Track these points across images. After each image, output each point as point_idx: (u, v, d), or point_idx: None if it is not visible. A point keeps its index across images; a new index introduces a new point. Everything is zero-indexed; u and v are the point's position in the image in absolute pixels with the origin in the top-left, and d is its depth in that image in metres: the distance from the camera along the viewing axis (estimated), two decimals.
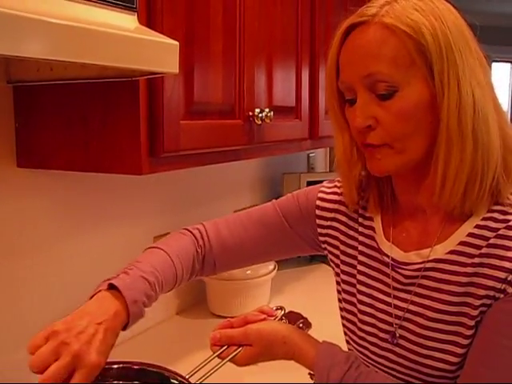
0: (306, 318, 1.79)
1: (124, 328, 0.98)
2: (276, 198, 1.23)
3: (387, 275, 1.02)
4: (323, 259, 2.47)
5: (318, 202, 1.15)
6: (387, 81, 0.89)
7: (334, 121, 1.02)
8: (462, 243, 0.94)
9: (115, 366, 0.97)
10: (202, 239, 1.19)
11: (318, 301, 1.88)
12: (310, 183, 1.24)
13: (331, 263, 1.16)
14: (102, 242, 1.61)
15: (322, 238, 1.15)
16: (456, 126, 0.89)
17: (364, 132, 0.93)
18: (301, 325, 1.74)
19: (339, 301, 1.13)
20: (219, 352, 1.01)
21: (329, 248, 1.15)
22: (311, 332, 1.70)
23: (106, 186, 1.59)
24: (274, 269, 1.97)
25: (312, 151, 2.98)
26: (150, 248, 1.15)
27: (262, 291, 1.93)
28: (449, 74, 0.88)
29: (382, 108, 0.91)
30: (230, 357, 1.00)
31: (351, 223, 1.11)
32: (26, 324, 1.38)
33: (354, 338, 1.08)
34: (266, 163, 2.51)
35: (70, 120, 1.24)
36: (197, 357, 0.99)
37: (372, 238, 1.06)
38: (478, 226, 0.93)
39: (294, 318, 1.75)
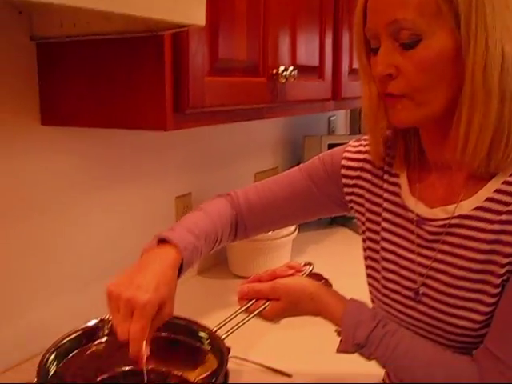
0: (327, 279, 1.78)
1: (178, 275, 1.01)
2: (298, 161, 1.24)
3: (411, 232, 1.02)
4: (343, 222, 2.49)
5: (343, 162, 1.15)
6: (411, 28, 0.87)
7: (362, 71, 1.01)
8: (488, 200, 0.92)
9: None
10: (233, 204, 1.22)
11: (338, 263, 1.88)
12: (331, 146, 1.24)
13: (358, 221, 1.15)
14: (124, 201, 1.61)
15: (348, 198, 1.15)
16: (481, 80, 0.86)
17: (385, 81, 0.92)
18: None
19: (364, 258, 1.13)
20: (246, 306, 1.02)
21: (355, 207, 1.15)
22: None
23: (129, 144, 1.59)
24: (295, 230, 1.96)
25: (333, 114, 2.95)
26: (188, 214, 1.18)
27: (283, 252, 1.93)
28: (477, 25, 0.85)
29: (404, 57, 0.89)
30: (257, 311, 1.01)
31: (376, 180, 1.10)
32: (50, 283, 1.40)
33: (378, 295, 1.08)
34: (287, 126, 2.49)
35: (94, 76, 1.23)
36: (217, 316, 1.00)
37: (397, 195, 1.05)
38: (505, 183, 0.91)
39: (315, 278, 1.74)
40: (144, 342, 0.87)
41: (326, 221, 2.51)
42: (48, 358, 0.88)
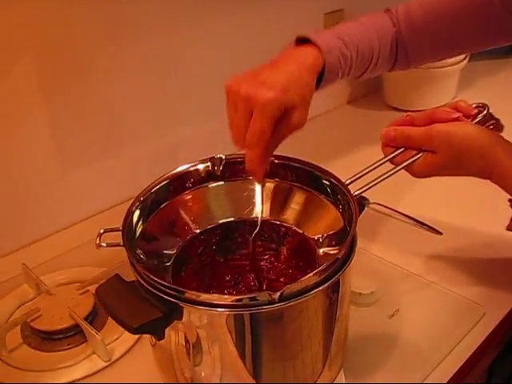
0: (498, 120, 1.52)
1: (318, 85, 0.83)
2: None
3: None
4: None
5: None
6: None
7: None
8: None
9: None
10: (393, 20, 0.97)
11: None
12: None
13: None
14: (263, 17, 1.43)
15: None
16: None
17: None
18: (491, 126, 1.48)
19: None
20: (392, 155, 0.80)
21: None
22: None
23: None
24: (465, 58, 1.67)
25: None
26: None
27: (449, 84, 1.68)
28: None
29: None
30: (404, 164, 0.79)
31: None
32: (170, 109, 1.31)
33: None
34: None
35: None
36: (368, 151, 0.78)
37: None
38: None
39: (481, 120, 1.51)
40: (263, 150, 0.71)
41: (505, 48, 2.15)
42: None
